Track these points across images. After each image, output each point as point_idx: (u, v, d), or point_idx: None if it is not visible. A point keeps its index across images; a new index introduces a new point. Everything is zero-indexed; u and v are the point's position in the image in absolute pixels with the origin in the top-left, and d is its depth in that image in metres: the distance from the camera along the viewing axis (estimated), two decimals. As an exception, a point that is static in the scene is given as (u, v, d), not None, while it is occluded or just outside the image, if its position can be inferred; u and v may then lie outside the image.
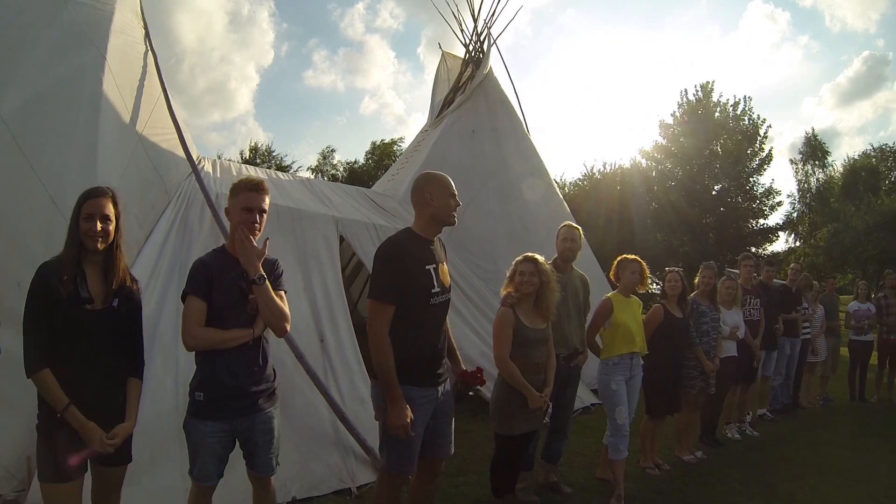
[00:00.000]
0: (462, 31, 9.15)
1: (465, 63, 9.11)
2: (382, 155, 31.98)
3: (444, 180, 2.79)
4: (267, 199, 2.61)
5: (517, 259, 3.57)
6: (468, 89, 8.68)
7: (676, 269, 5.00)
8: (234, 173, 6.53)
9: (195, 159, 5.56)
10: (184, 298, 2.51)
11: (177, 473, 2.90)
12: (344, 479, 4.04)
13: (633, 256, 4.41)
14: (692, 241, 22.71)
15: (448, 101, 9.18)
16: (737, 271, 6.30)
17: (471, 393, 3.16)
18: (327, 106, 59.98)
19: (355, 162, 33.46)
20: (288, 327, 2.63)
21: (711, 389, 5.11)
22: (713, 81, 25.01)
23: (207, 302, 2.48)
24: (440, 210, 2.75)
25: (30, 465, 3.28)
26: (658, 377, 4.62)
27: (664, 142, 25.33)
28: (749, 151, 23.98)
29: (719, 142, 24.23)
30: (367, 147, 33.90)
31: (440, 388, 2.77)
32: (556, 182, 25.44)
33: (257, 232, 2.57)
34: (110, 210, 2.42)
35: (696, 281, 5.32)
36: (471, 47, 9.02)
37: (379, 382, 2.61)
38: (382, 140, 33.50)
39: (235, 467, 2.72)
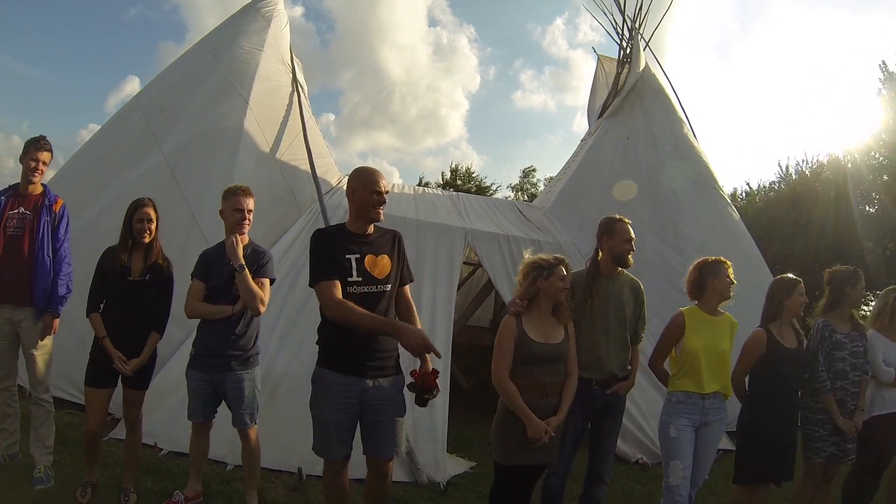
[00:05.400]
0: (617, 31, 8.67)
1: (621, 64, 8.55)
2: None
3: (368, 174, 2.81)
4: (251, 201, 3.27)
5: (541, 259, 3.06)
6: (623, 93, 8.14)
7: (791, 276, 3.65)
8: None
9: (333, 182, 6.38)
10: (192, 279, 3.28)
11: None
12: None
13: (713, 257, 3.46)
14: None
15: (606, 106, 8.72)
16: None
17: (426, 397, 2.70)
18: (540, 125, 59.93)
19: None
20: (261, 308, 3.19)
21: (847, 458, 3.65)
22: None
23: (205, 283, 3.21)
24: (360, 205, 2.79)
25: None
26: (756, 431, 3.48)
27: (874, 130, 19.26)
28: None
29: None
30: (567, 161, 33.17)
31: (371, 382, 2.71)
32: (750, 189, 21.57)
33: (246, 225, 3.26)
34: (153, 215, 3.35)
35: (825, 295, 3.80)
36: (624, 44, 8.47)
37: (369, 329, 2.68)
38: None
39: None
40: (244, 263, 3.11)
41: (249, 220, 3.24)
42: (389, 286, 2.81)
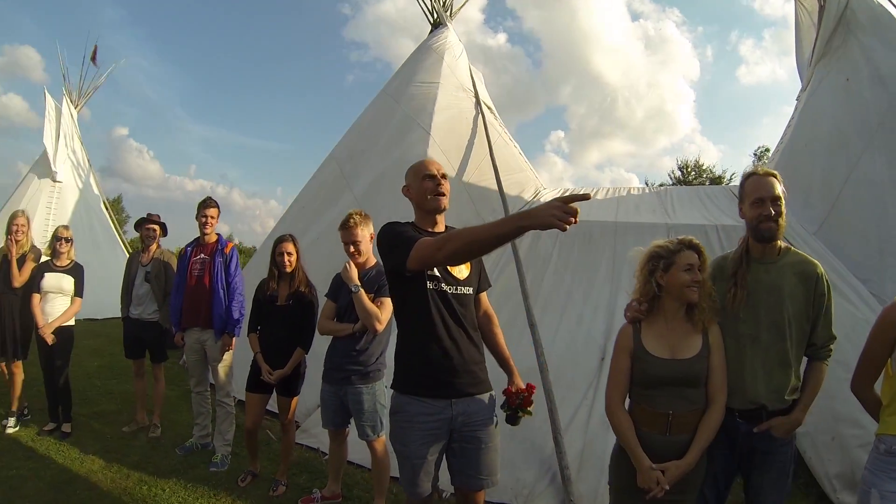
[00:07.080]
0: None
1: (821, -8, 6.99)
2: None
3: (417, 165, 2.52)
4: (357, 232, 3.45)
5: (658, 247, 2.33)
6: (828, 27, 6.71)
7: None
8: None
9: (528, 196, 6.71)
10: None
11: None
12: (517, 498, 3.83)
13: None
14: None
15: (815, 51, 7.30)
16: None
17: (520, 415, 2.43)
18: (773, 98, 52.45)
19: (788, 154, 28.98)
20: (378, 326, 3.34)
21: None
22: None
23: (335, 303, 3.57)
24: (418, 197, 2.45)
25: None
26: None
27: None
28: None
29: None
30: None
31: (461, 404, 2.32)
32: None
33: (357, 256, 3.47)
34: (292, 248, 3.95)
35: None
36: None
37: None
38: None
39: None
40: (359, 284, 3.36)
41: (359, 250, 3.46)
42: (471, 289, 2.45)
